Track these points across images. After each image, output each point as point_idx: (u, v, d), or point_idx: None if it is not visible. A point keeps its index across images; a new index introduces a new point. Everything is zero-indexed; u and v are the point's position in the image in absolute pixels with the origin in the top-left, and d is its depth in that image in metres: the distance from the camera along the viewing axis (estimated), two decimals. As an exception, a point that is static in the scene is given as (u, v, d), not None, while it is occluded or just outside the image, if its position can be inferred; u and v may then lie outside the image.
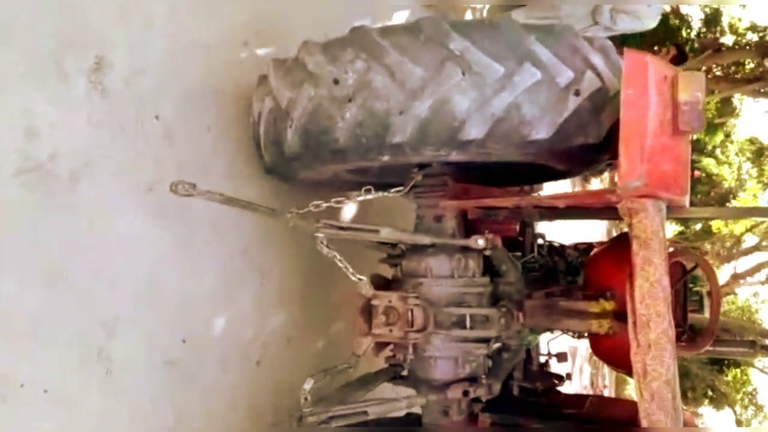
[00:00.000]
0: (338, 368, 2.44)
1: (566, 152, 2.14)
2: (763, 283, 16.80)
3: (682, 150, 1.99)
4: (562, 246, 3.38)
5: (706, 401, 17.46)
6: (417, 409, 2.58)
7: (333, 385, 2.57)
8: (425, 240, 2.41)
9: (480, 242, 2.37)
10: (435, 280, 2.43)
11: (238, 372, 2.73)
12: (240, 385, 2.74)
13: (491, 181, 2.88)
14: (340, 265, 2.46)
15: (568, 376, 2.90)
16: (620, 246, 2.45)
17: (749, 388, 17.36)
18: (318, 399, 2.43)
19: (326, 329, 3.27)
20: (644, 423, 1.80)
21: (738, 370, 16.52)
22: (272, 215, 2.49)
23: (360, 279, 2.47)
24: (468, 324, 2.35)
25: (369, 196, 2.43)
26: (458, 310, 2.37)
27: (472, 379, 2.43)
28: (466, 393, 2.36)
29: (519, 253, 3.10)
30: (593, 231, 10.19)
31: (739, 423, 15.90)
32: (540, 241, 3.02)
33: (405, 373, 2.64)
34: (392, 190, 2.46)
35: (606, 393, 14.08)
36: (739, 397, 17.11)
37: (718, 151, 17.95)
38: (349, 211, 3.54)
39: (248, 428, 2.63)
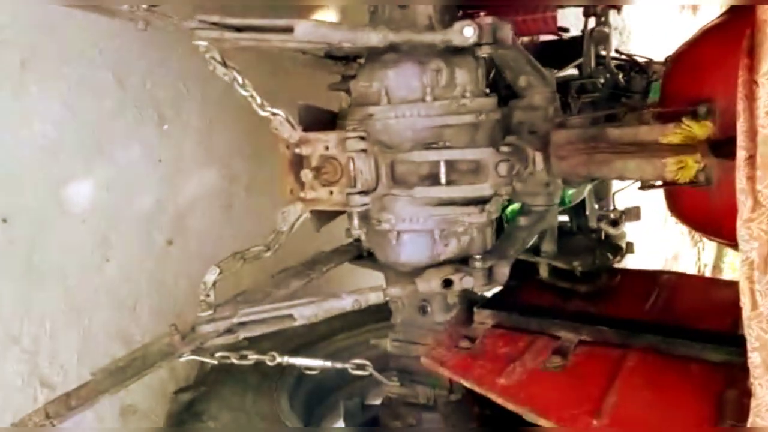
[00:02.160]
0: (251, 251, 1.65)
1: None
2: None
3: None
4: (647, 61, 2.27)
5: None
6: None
7: (264, 275, 1.82)
8: (375, 38, 1.42)
9: (467, 32, 1.37)
10: (393, 108, 1.48)
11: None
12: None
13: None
14: (243, 92, 1.56)
15: (629, 248, 1.95)
16: (728, 27, 1.39)
17: None
18: (234, 297, 1.70)
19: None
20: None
21: None
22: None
23: (275, 114, 1.57)
24: (442, 176, 1.44)
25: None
26: (425, 153, 1.44)
27: (462, 261, 1.57)
28: (447, 283, 1.52)
29: (574, 71, 2.06)
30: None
31: None
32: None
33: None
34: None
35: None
36: None
37: None
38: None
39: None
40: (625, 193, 2.26)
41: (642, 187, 1.58)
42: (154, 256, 1.99)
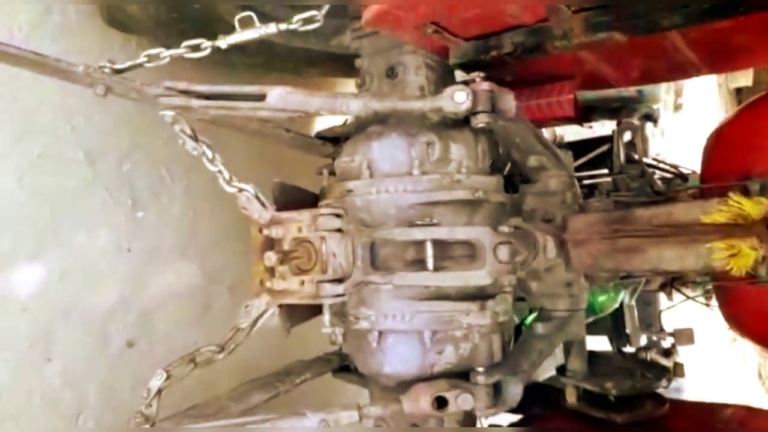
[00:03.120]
0: (202, 352, 1.38)
1: None
2: None
3: None
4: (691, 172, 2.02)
5: None
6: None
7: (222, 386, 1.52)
8: (355, 106, 1.24)
9: (458, 97, 1.18)
10: (375, 183, 1.27)
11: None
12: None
13: None
14: (211, 167, 1.39)
15: (677, 369, 1.60)
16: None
17: None
18: (185, 411, 1.40)
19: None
20: None
21: None
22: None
23: (243, 190, 1.38)
24: (429, 259, 1.18)
25: (251, 35, 1.30)
26: (409, 231, 1.20)
27: (462, 375, 1.26)
28: (441, 402, 1.20)
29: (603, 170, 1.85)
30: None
31: None
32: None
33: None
34: (297, 18, 1.30)
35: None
36: None
37: None
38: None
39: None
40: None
41: (689, 296, 1.28)
42: (109, 359, 1.73)
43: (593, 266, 1.17)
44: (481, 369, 1.22)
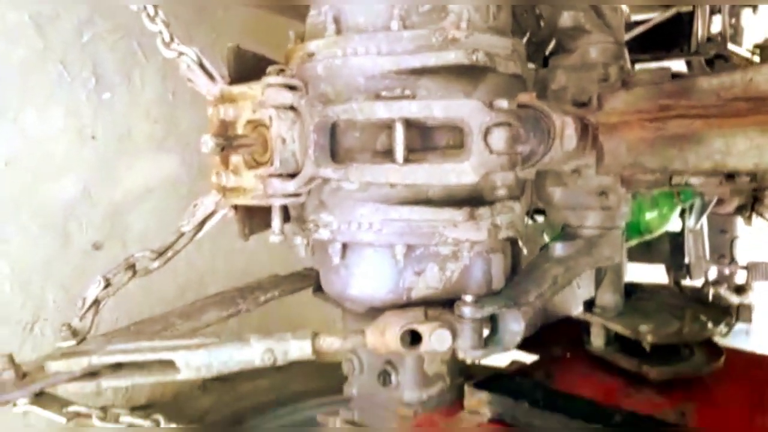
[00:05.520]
0: (138, 258, 1.17)
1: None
2: None
3: None
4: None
5: None
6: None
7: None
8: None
9: None
10: (342, 41, 0.97)
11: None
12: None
13: None
14: (150, 26, 1.12)
15: (743, 313, 1.27)
16: None
17: None
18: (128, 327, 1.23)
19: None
20: None
21: None
22: None
23: (182, 54, 1.11)
24: (398, 146, 0.88)
25: None
26: (371, 107, 0.90)
27: (446, 303, 0.99)
28: (413, 337, 0.95)
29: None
30: None
31: None
32: None
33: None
34: None
35: None
36: None
37: None
38: None
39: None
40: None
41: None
42: (70, 261, 1.57)
43: (633, 164, 0.84)
44: (469, 297, 0.94)
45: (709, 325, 1.09)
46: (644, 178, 0.96)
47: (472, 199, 0.94)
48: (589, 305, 1.22)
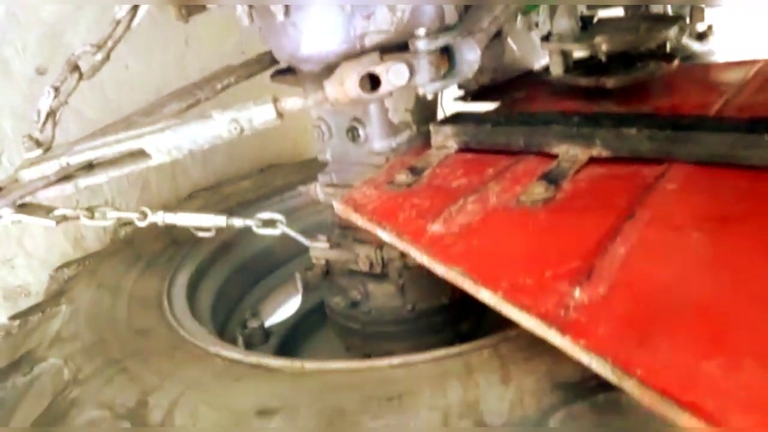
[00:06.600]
0: (78, 55, 1.14)
1: None
2: None
3: None
4: None
5: None
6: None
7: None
8: None
9: None
10: None
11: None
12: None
13: None
14: None
15: (696, 12, 1.29)
16: None
17: None
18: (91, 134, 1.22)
19: None
20: None
21: None
22: None
23: None
24: None
25: None
26: None
27: (401, 48, 1.00)
28: (372, 81, 0.97)
29: None
30: None
31: None
32: None
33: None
34: None
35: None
36: None
37: None
38: None
39: None
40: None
41: None
42: (17, 89, 1.52)
43: None
44: (422, 31, 0.95)
45: (662, 28, 1.11)
46: None
47: None
48: (546, 37, 1.23)
